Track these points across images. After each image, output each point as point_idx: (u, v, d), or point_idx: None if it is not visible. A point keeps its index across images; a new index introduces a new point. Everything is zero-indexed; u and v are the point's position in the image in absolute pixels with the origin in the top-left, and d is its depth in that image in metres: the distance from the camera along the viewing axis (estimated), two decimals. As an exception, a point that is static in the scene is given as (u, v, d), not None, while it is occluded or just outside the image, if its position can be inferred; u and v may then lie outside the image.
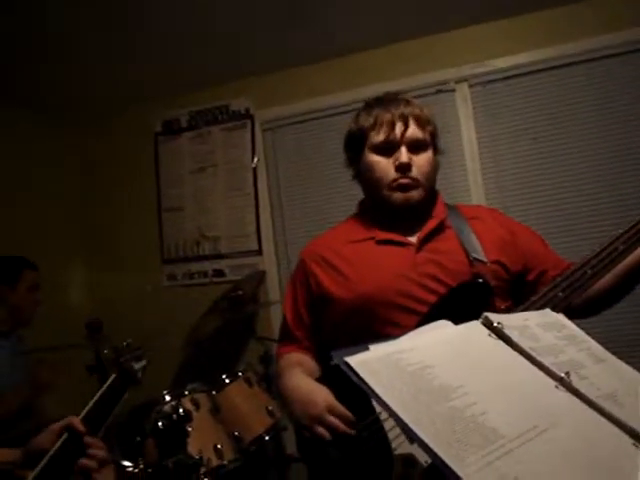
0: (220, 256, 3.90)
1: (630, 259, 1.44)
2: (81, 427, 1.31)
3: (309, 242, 1.80)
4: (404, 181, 1.58)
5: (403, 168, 1.57)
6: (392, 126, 1.59)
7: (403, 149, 1.58)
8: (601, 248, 1.42)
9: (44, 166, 3.93)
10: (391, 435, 1.26)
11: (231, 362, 3.60)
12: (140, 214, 4.08)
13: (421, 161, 1.60)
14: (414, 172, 1.58)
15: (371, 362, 0.82)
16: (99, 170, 4.21)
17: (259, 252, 3.82)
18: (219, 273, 3.89)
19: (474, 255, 1.55)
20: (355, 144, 1.67)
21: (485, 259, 1.54)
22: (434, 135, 1.65)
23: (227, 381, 2.65)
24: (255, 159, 3.86)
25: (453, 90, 3.52)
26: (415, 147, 1.60)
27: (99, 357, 2.66)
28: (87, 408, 1.39)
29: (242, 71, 3.77)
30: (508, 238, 1.63)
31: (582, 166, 3.29)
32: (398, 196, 1.59)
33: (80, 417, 1.34)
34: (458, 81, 3.51)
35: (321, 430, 1.39)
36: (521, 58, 3.39)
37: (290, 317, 1.74)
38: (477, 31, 3.47)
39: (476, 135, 3.47)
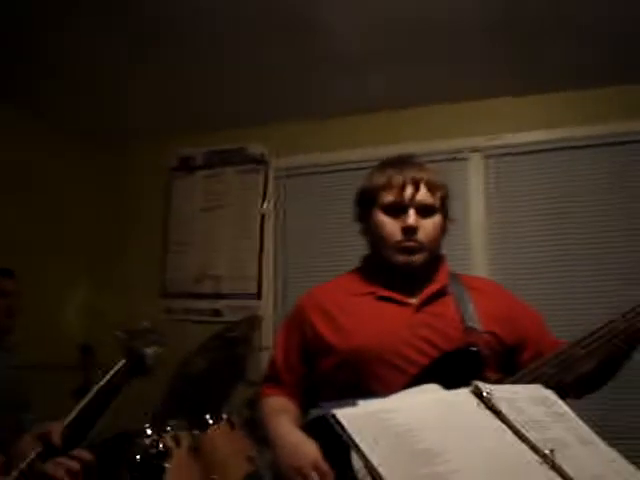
0: (219, 296, 3.90)
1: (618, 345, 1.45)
2: (56, 440, 1.28)
3: (309, 290, 1.81)
4: (409, 244, 1.61)
5: (409, 231, 1.60)
6: (402, 188, 1.61)
7: (411, 212, 1.60)
8: (594, 329, 1.44)
9: (61, 185, 3.95)
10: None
11: (217, 403, 3.55)
12: (146, 245, 4.10)
13: (428, 225, 1.62)
14: (420, 236, 1.61)
15: (358, 417, 0.82)
16: (112, 195, 4.25)
17: (258, 296, 3.83)
18: (217, 313, 3.88)
19: (470, 323, 1.56)
20: (366, 201, 1.70)
21: (480, 329, 1.55)
22: (444, 201, 1.68)
23: (210, 422, 2.61)
24: (265, 205, 3.90)
25: (466, 159, 3.57)
26: (424, 211, 1.62)
27: (88, 382, 2.64)
28: (79, 407, 1.34)
29: (262, 117, 3.83)
30: (506, 313, 1.64)
31: (590, 249, 3.30)
32: (401, 258, 1.61)
33: (65, 423, 1.31)
34: (472, 151, 3.56)
35: None
36: (538, 135, 3.46)
37: (280, 360, 1.74)
38: (497, 104, 3.54)
39: (484, 206, 3.51)
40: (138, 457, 2.28)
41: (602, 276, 3.26)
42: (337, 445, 0.82)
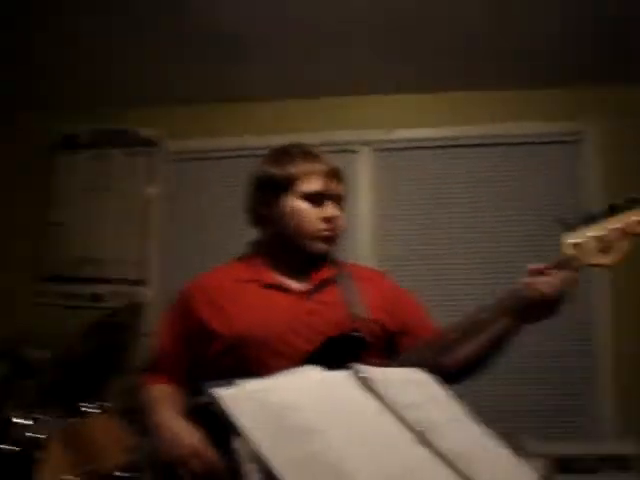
0: (102, 280, 3.76)
1: (495, 331, 1.54)
2: None
3: (195, 277, 1.79)
4: (330, 234, 1.65)
5: (332, 221, 1.64)
6: (326, 178, 1.65)
7: (331, 203, 1.66)
8: (468, 316, 1.54)
9: None
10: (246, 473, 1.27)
11: (96, 391, 3.45)
12: (21, 225, 3.88)
13: (342, 216, 1.70)
14: (336, 226, 1.67)
15: (237, 396, 0.82)
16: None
17: (144, 282, 3.73)
18: (98, 298, 3.73)
19: (354, 311, 1.60)
20: (274, 187, 1.68)
21: (365, 316, 1.60)
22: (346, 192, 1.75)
23: (88, 410, 2.54)
24: (153, 188, 3.80)
25: (356, 152, 3.63)
26: (338, 202, 1.69)
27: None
28: None
29: (155, 98, 3.72)
30: (391, 301, 1.71)
31: (470, 241, 3.48)
32: (320, 246, 1.65)
33: None
34: (362, 144, 3.63)
35: (183, 472, 1.39)
36: (427, 132, 3.60)
37: (164, 347, 1.73)
38: (388, 100, 3.63)
39: (372, 199, 3.59)
40: (8, 447, 2.19)
41: (474, 265, 3.47)
42: (222, 428, 0.82)
